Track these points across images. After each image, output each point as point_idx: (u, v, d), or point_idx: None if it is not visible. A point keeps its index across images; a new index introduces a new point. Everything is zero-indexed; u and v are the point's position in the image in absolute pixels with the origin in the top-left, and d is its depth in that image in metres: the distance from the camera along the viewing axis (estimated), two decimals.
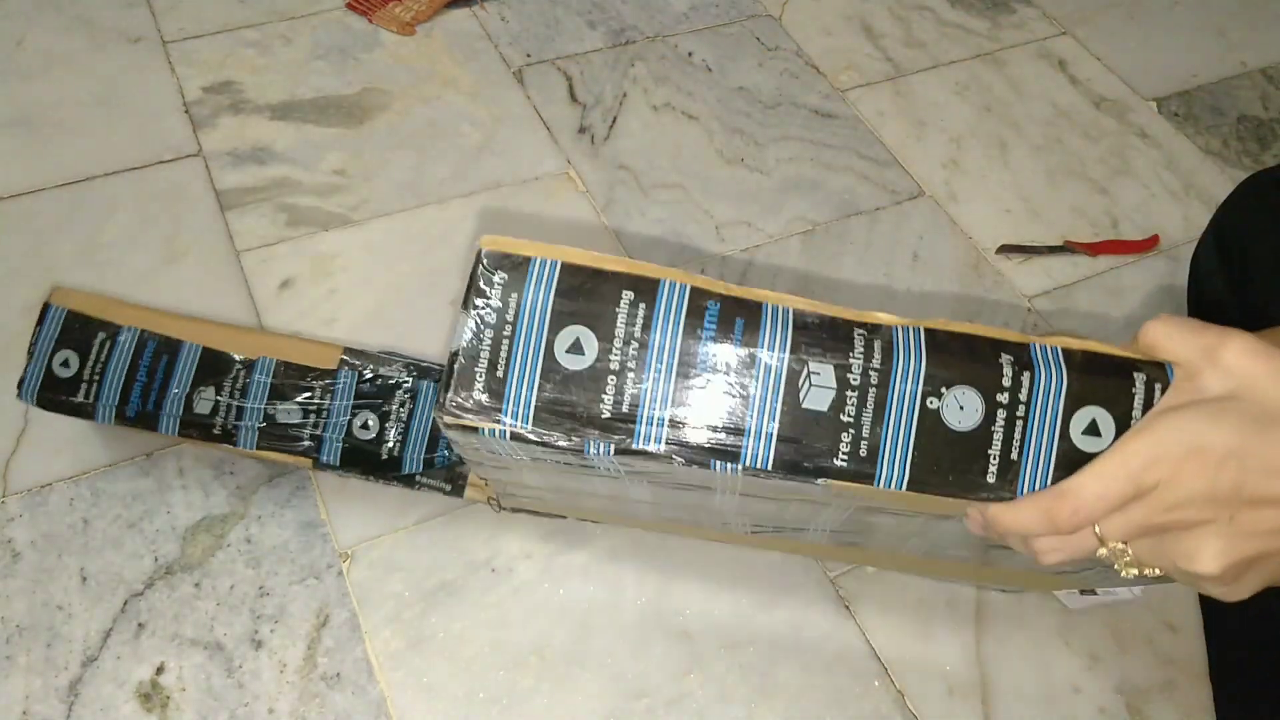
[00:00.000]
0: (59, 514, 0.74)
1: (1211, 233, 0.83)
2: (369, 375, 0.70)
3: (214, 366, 0.70)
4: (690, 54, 1.12)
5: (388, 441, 0.69)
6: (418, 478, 0.70)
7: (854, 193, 1.01)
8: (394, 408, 0.70)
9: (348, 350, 0.71)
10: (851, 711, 0.69)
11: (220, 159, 0.97)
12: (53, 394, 0.69)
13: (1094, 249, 0.98)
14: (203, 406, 0.69)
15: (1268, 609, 0.71)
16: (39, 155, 0.96)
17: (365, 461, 0.69)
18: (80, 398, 0.69)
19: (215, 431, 0.69)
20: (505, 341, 0.47)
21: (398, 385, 0.70)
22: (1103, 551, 0.41)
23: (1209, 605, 0.74)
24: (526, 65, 1.09)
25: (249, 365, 0.70)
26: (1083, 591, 0.71)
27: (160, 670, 0.67)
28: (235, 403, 0.69)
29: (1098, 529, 0.41)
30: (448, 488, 0.70)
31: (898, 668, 0.71)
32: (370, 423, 0.69)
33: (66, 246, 0.89)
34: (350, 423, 0.69)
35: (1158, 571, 0.42)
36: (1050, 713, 0.69)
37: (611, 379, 0.47)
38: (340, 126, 1.01)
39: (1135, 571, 0.42)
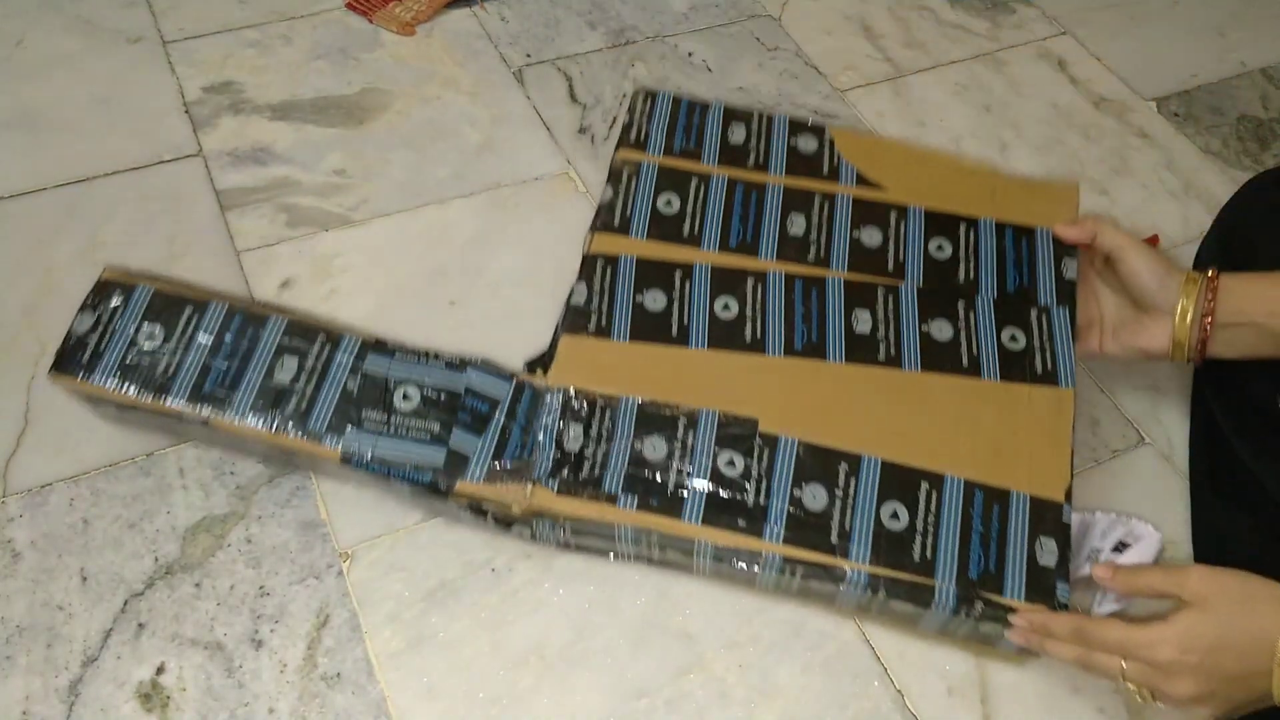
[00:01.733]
0: (59, 514, 0.74)
1: (1215, 231, 0.83)
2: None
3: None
4: (690, 54, 1.12)
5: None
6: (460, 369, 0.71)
7: None
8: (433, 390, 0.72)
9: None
10: (851, 711, 0.69)
11: (220, 159, 0.97)
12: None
13: None
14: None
15: None
16: (39, 155, 0.96)
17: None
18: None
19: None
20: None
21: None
22: (1120, 677, 0.62)
23: None
24: (526, 65, 1.09)
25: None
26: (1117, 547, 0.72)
27: (160, 670, 0.67)
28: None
29: (1124, 664, 0.61)
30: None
31: (898, 668, 0.71)
32: (409, 393, 0.71)
33: (66, 246, 0.89)
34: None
35: (1143, 691, 0.62)
36: (1050, 713, 0.69)
37: None
38: (340, 126, 1.01)
39: (1131, 687, 0.62)
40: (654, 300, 0.75)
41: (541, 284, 0.89)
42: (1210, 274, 0.70)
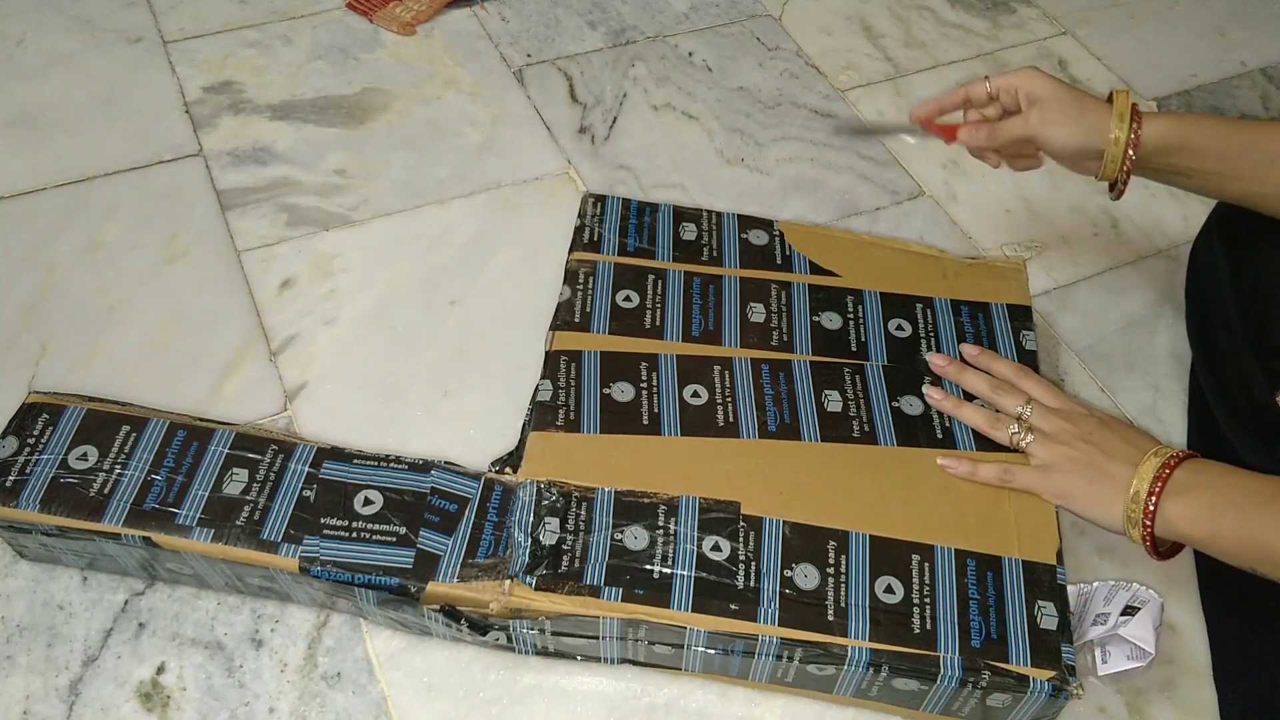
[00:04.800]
0: None
1: (1215, 220, 0.83)
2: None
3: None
4: (690, 54, 1.12)
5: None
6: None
7: (854, 193, 1.01)
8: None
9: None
10: (851, 709, 0.68)
11: (221, 159, 0.97)
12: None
13: (946, 131, 0.91)
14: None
15: (1270, 609, 0.71)
16: (39, 155, 0.96)
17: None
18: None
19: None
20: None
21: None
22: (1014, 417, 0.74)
23: (1211, 606, 0.74)
24: (527, 65, 1.09)
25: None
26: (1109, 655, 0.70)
27: (161, 670, 0.67)
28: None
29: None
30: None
31: None
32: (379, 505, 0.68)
33: (66, 246, 0.89)
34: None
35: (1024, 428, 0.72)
36: None
37: None
38: (340, 126, 1.01)
39: (1014, 430, 0.73)
40: (622, 392, 0.74)
41: (541, 284, 0.89)
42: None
